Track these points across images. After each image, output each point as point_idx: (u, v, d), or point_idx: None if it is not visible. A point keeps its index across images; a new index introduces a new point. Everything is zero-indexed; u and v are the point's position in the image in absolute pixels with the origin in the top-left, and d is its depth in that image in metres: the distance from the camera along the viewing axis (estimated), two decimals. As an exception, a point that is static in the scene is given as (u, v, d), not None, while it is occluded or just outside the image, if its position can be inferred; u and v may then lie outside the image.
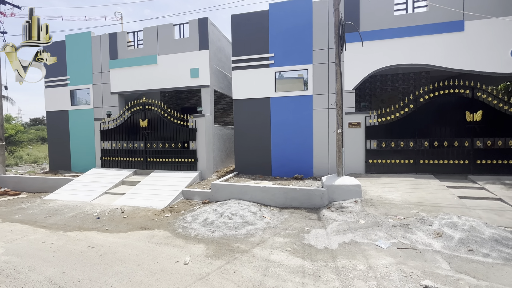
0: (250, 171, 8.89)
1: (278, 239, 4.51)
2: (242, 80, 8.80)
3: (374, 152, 7.64)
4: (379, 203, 5.96)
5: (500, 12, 6.78)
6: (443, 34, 7.16)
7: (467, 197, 6.03)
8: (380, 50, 7.60)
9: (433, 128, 7.23)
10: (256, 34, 8.61)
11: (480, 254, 3.73)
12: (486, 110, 6.82)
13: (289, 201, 6.54)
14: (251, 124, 8.80)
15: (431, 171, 7.28)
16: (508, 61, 6.80)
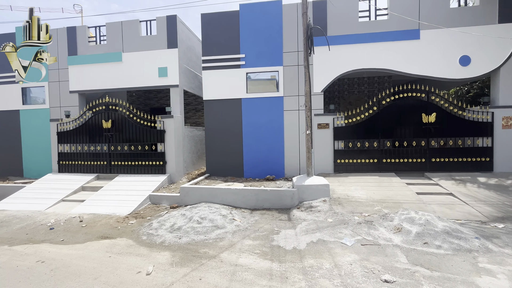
0: (222, 173, 8.75)
1: (247, 242, 4.46)
2: (212, 80, 8.65)
3: (342, 152, 7.94)
4: (346, 202, 6.18)
5: (451, 23, 7.43)
6: (401, 41, 7.68)
7: (424, 193, 6.50)
8: (347, 54, 7.93)
9: (394, 129, 7.71)
10: (227, 34, 8.51)
11: (433, 246, 4.01)
12: (439, 112, 7.43)
13: (260, 202, 6.53)
14: (222, 125, 8.66)
15: (394, 169, 7.75)
16: (457, 68, 7.48)
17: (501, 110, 7.19)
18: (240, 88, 8.52)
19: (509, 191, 6.26)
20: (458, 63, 7.46)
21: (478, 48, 7.35)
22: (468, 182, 6.84)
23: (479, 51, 7.35)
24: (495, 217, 5.22)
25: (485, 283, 3.04)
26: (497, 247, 3.95)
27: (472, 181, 6.89)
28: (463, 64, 7.43)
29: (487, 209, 5.53)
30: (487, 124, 7.25)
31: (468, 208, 5.66)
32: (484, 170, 7.36)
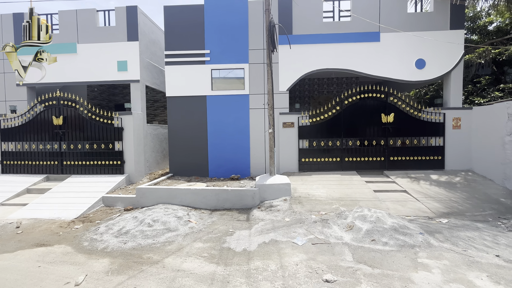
0: (186, 173, 8.44)
1: (197, 245, 4.26)
2: (176, 76, 8.30)
3: (306, 151, 7.99)
4: (306, 200, 6.20)
5: (408, 27, 7.75)
6: (363, 43, 7.88)
7: (381, 191, 6.71)
8: (311, 53, 7.98)
9: (356, 128, 7.89)
10: (191, 28, 8.21)
11: (380, 243, 4.09)
12: (397, 113, 7.73)
13: (221, 202, 6.36)
14: (186, 123, 8.35)
15: (355, 168, 7.94)
16: (413, 71, 7.82)
17: (451, 111, 7.64)
18: (205, 85, 8.26)
19: (456, 188, 6.65)
20: (415, 66, 7.80)
21: (432, 52, 7.74)
22: (422, 180, 7.18)
23: (433, 55, 7.74)
24: (441, 213, 5.49)
25: (420, 278, 3.11)
26: (438, 241, 4.11)
27: (425, 179, 7.24)
28: (419, 67, 7.79)
29: (435, 205, 5.81)
30: (440, 124, 7.67)
31: (418, 205, 5.91)
32: (437, 168, 7.77)
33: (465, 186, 6.75)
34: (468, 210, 5.60)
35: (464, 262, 3.48)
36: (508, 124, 6.49)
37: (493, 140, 6.91)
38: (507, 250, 3.85)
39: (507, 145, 6.52)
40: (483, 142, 7.26)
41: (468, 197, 6.15)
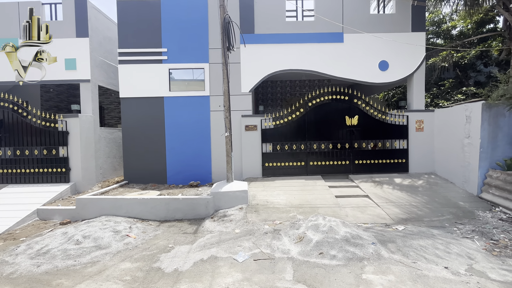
0: (143, 180, 7.83)
1: (124, 265, 3.73)
2: (131, 76, 7.71)
3: (270, 155, 7.63)
4: (263, 208, 5.81)
5: (371, 29, 7.63)
6: (327, 43, 7.68)
7: (343, 196, 6.46)
8: (275, 54, 7.68)
9: (320, 131, 7.64)
10: (147, 25, 7.67)
11: (328, 256, 3.75)
12: (361, 115, 7.56)
13: (172, 213, 5.83)
14: (142, 126, 7.76)
15: (321, 172, 7.68)
16: (377, 73, 7.71)
17: (414, 114, 7.57)
18: (162, 86, 7.72)
19: (418, 191, 6.52)
20: (378, 67, 7.69)
21: (395, 54, 7.67)
22: (385, 184, 7.01)
23: (396, 57, 7.67)
24: (399, 219, 5.28)
25: (359, 300, 2.78)
26: (389, 252, 3.83)
27: (389, 182, 7.08)
28: (382, 69, 7.69)
29: (395, 211, 5.61)
30: (403, 127, 7.58)
31: (378, 211, 5.68)
32: (401, 171, 7.66)
33: (426, 189, 6.63)
34: (427, 215, 5.43)
35: (411, 277, 3.19)
36: (466, 126, 6.46)
37: (453, 142, 6.87)
38: (457, 260, 3.63)
39: (466, 148, 6.48)
40: (445, 145, 7.23)
41: (428, 201, 6.01)
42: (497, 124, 6.05)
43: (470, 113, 6.34)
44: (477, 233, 4.60)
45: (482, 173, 6.14)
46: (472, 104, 6.31)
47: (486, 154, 6.11)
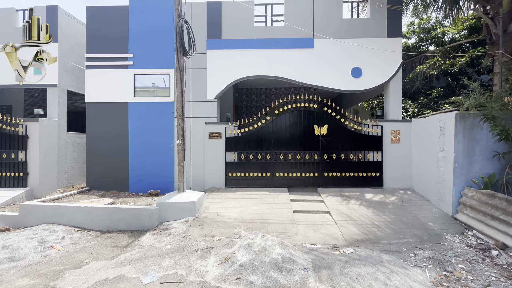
0: (105, 187, 7.62)
1: (21, 282, 3.43)
2: (97, 81, 7.63)
3: (234, 164, 7.26)
4: (210, 222, 5.41)
5: (343, 34, 7.25)
6: (296, 49, 7.34)
7: (301, 211, 5.96)
8: (242, 59, 7.41)
9: (288, 140, 7.22)
10: (115, 30, 7.62)
11: (244, 283, 3.30)
12: (331, 124, 7.09)
13: (115, 223, 5.54)
14: (106, 132, 7.61)
15: (288, 184, 7.21)
16: (349, 80, 7.26)
17: (390, 124, 7.03)
18: (128, 91, 7.59)
19: (386, 209, 5.93)
20: (350, 74, 7.25)
21: (369, 61, 7.22)
22: (354, 199, 6.46)
23: (370, 63, 7.22)
24: (353, 240, 4.74)
25: None
26: (316, 282, 3.34)
27: (358, 198, 6.52)
28: (355, 76, 7.24)
29: (352, 230, 5.07)
30: (377, 138, 7.04)
31: (333, 230, 5.16)
32: (375, 186, 7.08)
33: (397, 207, 6.03)
34: (387, 236, 4.86)
35: (322, 315, 2.70)
36: (440, 138, 5.88)
37: (429, 156, 6.27)
38: (390, 295, 3.10)
39: (441, 162, 5.88)
40: (421, 158, 6.63)
41: (394, 221, 5.42)
42: (473, 137, 5.45)
43: (444, 124, 5.77)
44: (433, 262, 4.00)
45: (458, 191, 5.51)
46: (445, 114, 5.75)
47: (462, 170, 5.49)
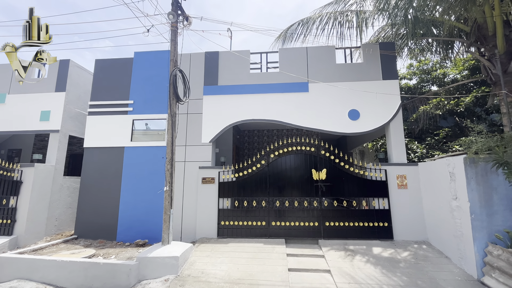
0: (93, 235, 7.23)
1: None
2: (97, 126, 7.83)
3: (228, 212, 6.78)
4: (192, 282, 4.79)
5: (337, 78, 7.28)
6: (291, 93, 7.36)
7: (298, 270, 5.22)
8: (238, 104, 7.47)
9: (284, 186, 6.79)
10: (119, 80, 8.07)
11: None
12: (330, 168, 6.67)
13: (90, 280, 5.02)
14: (101, 177, 7.51)
15: (285, 235, 6.55)
16: (347, 122, 7.04)
17: (394, 168, 6.52)
18: (125, 136, 7.68)
19: (398, 268, 5.10)
20: (348, 117, 7.05)
21: (366, 103, 7.06)
22: (359, 254, 5.67)
23: (367, 105, 7.05)
24: (356, 312, 3.95)
25: None
26: None
27: (365, 253, 5.72)
28: (353, 118, 7.02)
29: (355, 297, 4.28)
30: (382, 183, 6.48)
31: (333, 295, 4.38)
32: (384, 238, 6.28)
33: (410, 265, 5.18)
34: (398, 307, 4.03)
35: None
36: (451, 185, 5.28)
37: (442, 204, 5.59)
38: None
39: (456, 212, 5.18)
40: (434, 207, 5.92)
41: (406, 285, 4.59)
42: (489, 183, 4.84)
43: (453, 169, 5.23)
44: None
45: (480, 247, 4.71)
46: (453, 158, 5.25)
47: (481, 223, 4.77)
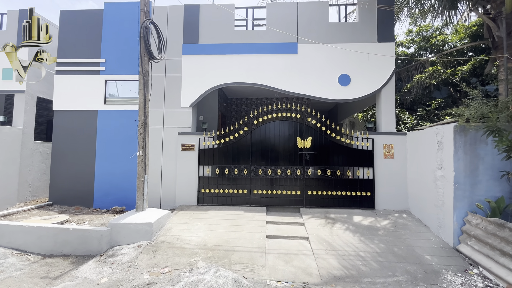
0: (69, 202, 6.97)
1: None
2: (67, 87, 7.17)
3: (208, 180, 6.54)
4: (166, 248, 4.65)
5: (329, 39, 6.67)
6: (279, 55, 6.76)
7: (276, 237, 5.14)
8: (221, 65, 6.86)
9: (267, 154, 6.51)
10: (88, 35, 7.23)
11: None
12: (316, 137, 6.37)
13: (60, 246, 4.83)
14: (74, 142, 7.05)
15: (267, 203, 6.42)
16: (336, 88, 6.60)
17: (381, 137, 6.27)
18: (98, 98, 7.08)
19: (376, 236, 5.06)
20: (338, 82, 6.59)
21: (358, 67, 6.57)
22: (340, 222, 5.62)
23: (359, 70, 6.56)
24: (330, 277, 3.90)
25: None
26: None
27: (345, 221, 5.67)
28: (343, 84, 6.57)
29: (331, 263, 4.22)
30: (368, 152, 6.26)
31: (308, 262, 4.32)
32: (365, 207, 6.22)
33: (389, 233, 5.16)
34: (372, 273, 4.00)
35: None
36: (438, 154, 5.08)
37: (426, 174, 5.45)
38: None
39: (439, 182, 5.05)
40: (418, 176, 5.80)
41: (383, 252, 4.56)
42: (476, 153, 4.64)
43: (441, 138, 4.99)
44: (425, 313, 3.14)
45: (460, 216, 4.65)
46: (442, 126, 4.97)
47: (464, 192, 4.65)
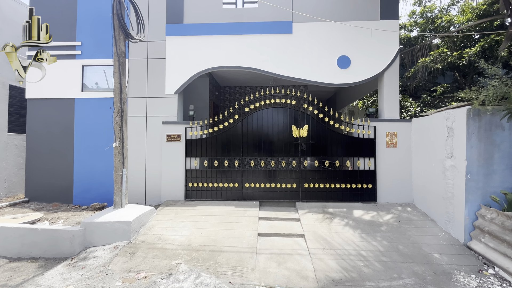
0: (46, 198, 6.46)
1: None
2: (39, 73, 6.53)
3: (196, 173, 6.03)
4: (145, 249, 4.17)
5: (327, 16, 6.04)
6: (272, 35, 6.14)
7: (269, 234, 4.67)
8: (208, 47, 6.24)
9: (260, 144, 5.98)
10: (62, 16, 6.56)
11: None
12: (313, 125, 5.84)
13: (27, 248, 4.34)
14: (50, 133, 6.49)
15: (260, 197, 5.94)
16: (335, 71, 6.02)
17: (384, 124, 5.74)
18: (75, 85, 6.48)
19: (379, 232, 4.61)
20: (336, 64, 6.01)
21: (359, 48, 5.98)
22: (338, 217, 5.15)
23: (360, 51, 5.98)
24: (328, 280, 3.44)
25: None
26: None
27: (345, 216, 5.21)
28: (342, 67, 5.99)
29: (329, 265, 3.76)
30: (369, 141, 5.74)
31: (304, 263, 3.86)
32: (367, 200, 5.75)
33: (392, 229, 4.70)
34: (375, 275, 3.54)
35: None
36: (448, 142, 4.57)
37: (434, 164, 4.96)
38: None
39: (449, 172, 4.56)
40: (424, 167, 5.30)
41: (387, 250, 4.10)
42: (492, 139, 4.14)
43: (452, 124, 4.47)
44: (439, 325, 2.69)
45: (472, 210, 4.19)
46: (454, 110, 4.45)
47: (477, 183, 4.17)
